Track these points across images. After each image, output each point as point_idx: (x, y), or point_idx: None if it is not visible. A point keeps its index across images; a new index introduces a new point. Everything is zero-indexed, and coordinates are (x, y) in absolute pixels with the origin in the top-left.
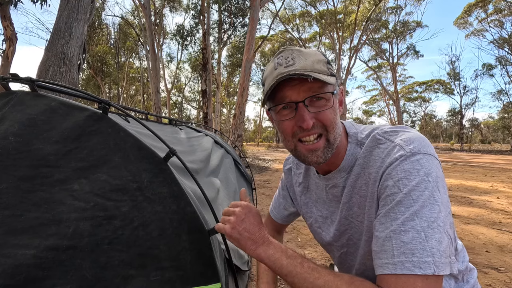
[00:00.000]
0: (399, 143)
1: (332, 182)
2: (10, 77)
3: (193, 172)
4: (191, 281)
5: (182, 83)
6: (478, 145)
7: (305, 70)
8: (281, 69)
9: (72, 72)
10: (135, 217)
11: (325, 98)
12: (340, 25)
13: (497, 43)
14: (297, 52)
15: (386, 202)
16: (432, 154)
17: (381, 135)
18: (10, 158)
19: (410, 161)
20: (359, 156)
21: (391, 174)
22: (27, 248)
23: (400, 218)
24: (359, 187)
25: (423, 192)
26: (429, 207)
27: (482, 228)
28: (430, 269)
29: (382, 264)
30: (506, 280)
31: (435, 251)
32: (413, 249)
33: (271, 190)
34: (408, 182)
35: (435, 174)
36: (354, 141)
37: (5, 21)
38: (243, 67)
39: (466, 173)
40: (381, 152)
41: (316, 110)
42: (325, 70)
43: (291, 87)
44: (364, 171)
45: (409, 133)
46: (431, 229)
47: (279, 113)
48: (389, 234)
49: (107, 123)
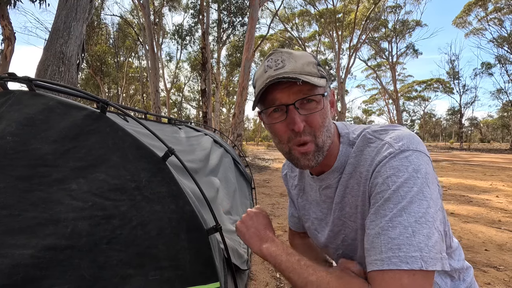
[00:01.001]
0: (388, 141)
1: (325, 183)
2: (7, 77)
3: (192, 171)
4: (190, 281)
5: (181, 82)
6: (478, 144)
7: (295, 73)
8: (271, 71)
9: (71, 72)
10: (133, 217)
11: (315, 100)
12: (339, 24)
13: (497, 42)
14: (286, 54)
15: (376, 199)
16: (421, 150)
17: (371, 134)
18: (7, 158)
19: (398, 158)
20: (350, 155)
21: (380, 171)
22: (24, 248)
23: (389, 215)
24: (351, 186)
25: (412, 188)
26: (418, 203)
27: (481, 226)
28: (417, 264)
29: (371, 261)
30: (505, 278)
31: (423, 246)
32: (400, 244)
33: (270, 190)
34: (396, 179)
35: (424, 170)
36: (346, 141)
37: (3, 20)
38: (243, 66)
39: (465, 172)
40: (371, 151)
41: (307, 112)
42: (315, 72)
43: (281, 89)
44: (356, 171)
45: (399, 131)
46: (418, 224)
47: (270, 116)
48: (378, 231)
49: (106, 122)
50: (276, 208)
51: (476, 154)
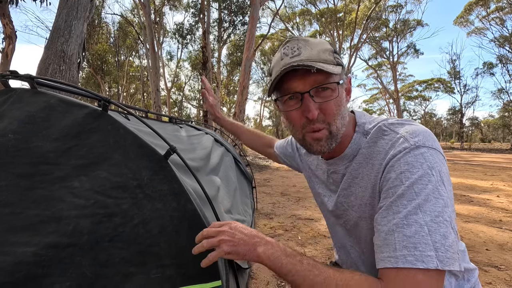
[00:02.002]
0: (404, 135)
1: (333, 168)
2: (9, 74)
3: (193, 170)
4: (191, 279)
5: (182, 81)
6: (478, 143)
7: (310, 60)
8: (287, 59)
9: (72, 71)
10: (135, 215)
11: (330, 88)
12: (340, 24)
13: (498, 42)
14: (303, 42)
15: (387, 194)
16: (436, 148)
17: (387, 126)
18: (9, 156)
19: (414, 154)
20: (363, 145)
21: (394, 166)
22: (27, 246)
23: (403, 212)
24: (360, 177)
25: (426, 186)
26: (433, 201)
27: (482, 226)
28: (433, 263)
29: (384, 257)
30: (506, 278)
31: (439, 246)
32: (415, 243)
33: (271, 189)
34: (410, 175)
35: (438, 168)
36: (361, 130)
37: (4, 19)
38: (243, 65)
39: (466, 171)
40: (385, 144)
41: (322, 100)
42: (331, 59)
43: (297, 77)
44: (367, 162)
45: (415, 126)
46: (435, 223)
47: (285, 103)
48: (392, 227)
49: (107, 120)
50: (276, 207)
51: (476, 154)
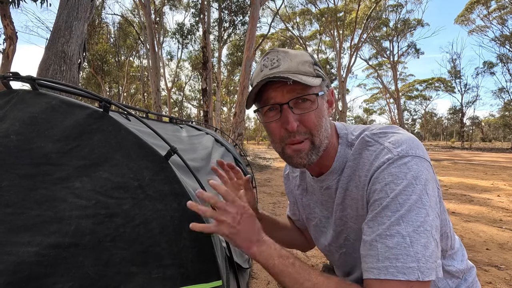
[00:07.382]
0: (387, 145)
1: (325, 184)
2: (11, 76)
3: (194, 170)
4: (192, 279)
5: (182, 81)
6: (479, 143)
7: (289, 72)
8: (266, 71)
9: (73, 71)
10: (136, 215)
11: (310, 100)
12: (340, 23)
13: (499, 41)
14: (282, 53)
15: (374, 206)
16: (421, 155)
17: (370, 136)
18: (11, 156)
19: (397, 165)
20: (349, 158)
21: (378, 178)
22: (29, 246)
23: (387, 223)
24: (350, 189)
25: (410, 196)
26: (416, 211)
27: (483, 226)
28: (414, 275)
29: (368, 268)
30: (506, 277)
31: (420, 257)
32: (397, 254)
33: (271, 189)
34: (395, 186)
35: (424, 176)
36: (344, 142)
37: (5, 19)
38: (244, 65)
39: (466, 171)
40: (370, 155)
41: (301, 112)
42: (311, 71)
43: (275, 88)
44: (355, 174)
45: (398, 134)
46: (416, 234)
47: (265, 114)
48: (375, 238)
49: (108, 121)
50: (277, 207)
51: (477, 153)
